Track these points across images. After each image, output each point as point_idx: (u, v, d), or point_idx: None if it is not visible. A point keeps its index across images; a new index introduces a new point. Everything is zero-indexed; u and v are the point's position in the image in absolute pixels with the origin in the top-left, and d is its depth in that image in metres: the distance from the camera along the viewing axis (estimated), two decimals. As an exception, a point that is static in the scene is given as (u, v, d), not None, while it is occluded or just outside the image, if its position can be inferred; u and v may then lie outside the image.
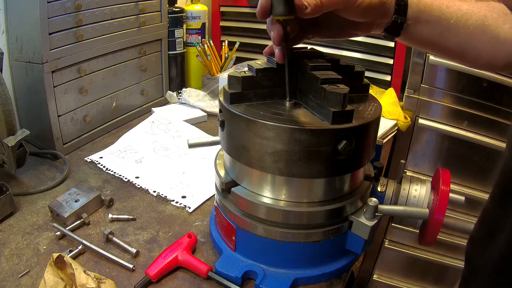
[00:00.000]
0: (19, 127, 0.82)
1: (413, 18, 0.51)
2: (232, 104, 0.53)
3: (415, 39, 0.55)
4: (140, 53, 1.11)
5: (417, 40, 0.55)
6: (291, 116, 0.51)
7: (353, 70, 0.58)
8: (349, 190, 0.57)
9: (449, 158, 1.21)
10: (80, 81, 0.94)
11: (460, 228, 0.63)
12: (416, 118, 1.18)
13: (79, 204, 0.70)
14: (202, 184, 0.83)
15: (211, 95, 1.23)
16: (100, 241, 0.65)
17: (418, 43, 0.56)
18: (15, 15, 0.86)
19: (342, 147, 0.48)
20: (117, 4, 0.98)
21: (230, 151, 0.56)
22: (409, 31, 0.53)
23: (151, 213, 0.74)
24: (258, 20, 1.39)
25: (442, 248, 1.30)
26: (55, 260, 0.52)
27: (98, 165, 0.88)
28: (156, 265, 0.58)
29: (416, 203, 0.61)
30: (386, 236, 1.34)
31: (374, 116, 0.52)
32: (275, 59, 0.53)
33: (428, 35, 0.53)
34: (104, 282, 0.53)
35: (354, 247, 0.58)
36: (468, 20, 0.51)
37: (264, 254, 0.58)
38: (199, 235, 0.67)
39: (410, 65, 1.14)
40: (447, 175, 0.61)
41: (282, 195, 0.54)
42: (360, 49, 1.29)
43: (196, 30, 1.33)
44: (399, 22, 0.51)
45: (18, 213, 0.72)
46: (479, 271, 0.57)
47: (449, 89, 1.12)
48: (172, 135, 1.02)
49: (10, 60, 0.90)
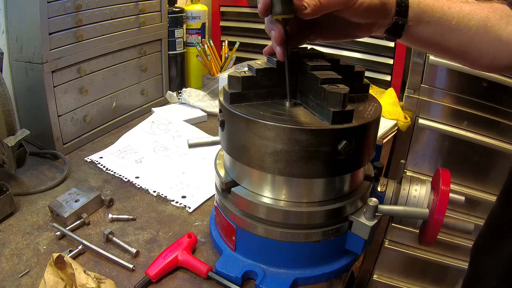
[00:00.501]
0: (19, 127, 0.82)
1: (414, 19, 0.51)
2: (232, 104, 0.53)
3: (417, 39, 0.54)
4: (140, 53, 1.11)
5: (419, 41, 0.55)
6: (291, 116, 0.51)
7: (353, 70, 0.58)
8: (349, 190, 0.57)
9: (449, 158, 1.21)
10: (80, 81, 0.94)
11: (460, 228, 0.62)
12: (416, 118, 1.18)
13: (79, 204, 0.70)
14: (202, 184, 0.83)
15: (211, 95, 1.23)
16: (100, 241, 0.65)
17: (419, 44, 0.56)
18: (15, 15, 0.86)
19: (342, 147, 0.48)
20: (117, 4, 0.98)
21: (230, 151, 0.56)
22: (410, 32, 0.52)
23: (151, 213, 0.74)
24: (258, 20, 1.41)
25: (442, 248, 1.30)
26: (55, 260, 0.52)
27: (98, 165, 0.88)
28: (156, 265, 0.58)
29: (416, 203, 0.61)
30: (386, 236, 1.34)
31: (374, 116, 0.52)
32: (275, 59, 0.53)
33: (429, 36, 0.53)
34: (104, 282, 0.53)
35: (354, 247, 0.58)
36: (470, 21, 0.51)
37: (264, 254, 0.58)
38: (199, 235, 0.67)
39: (410, 65, 1.14)
40: (447, 175, 0.61)
41: (282, 195, 0.54)
42: (360, 49, 1.29)
43: (196, 30, 1.33)
44: (400, 23, 0.51)
45: (18, 213, 0.72)
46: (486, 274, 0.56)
47: (449, 89, 1.12)
48: (172, 135, 1.02)
49: (10, 60, 0.90)
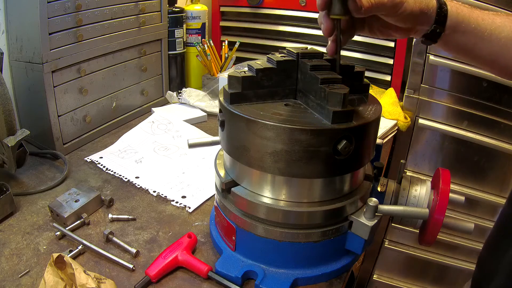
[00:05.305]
0: (19, 127, 0.82)
1: (451, 27, 0.54)
2: (232, 104, 0.53)
3: (451, 46, 0.58)
4: (140, 53, 1.11)
5: (453, 48, 0.58)
6: (291, 116, 0.51)
7: (353, 70, 0.58)
8: (349, 190, 0.57)
9: (449, 158, 1.21)
10: (80, 81, 0.94)
11: (460, 228, 0.62)
12: (416, 118, 1.18)
13: (79, 204, 0.70)
14: (202, 184, 0.83)
15: (211, 95, 1.23)
16: (100, 241, 0.65)
17: (452, 50, 0.59)
18: (15, 15, 0.86)
19: (342, 147, 0.48)
20: (117, 4, 0.98)
21: (230, 151, 0.56)
22: (445, 39, 0.56)
23: (151, 213, 0.74)
24: (258, 20, 1.41)
25: (442, 248, 1.30)
26: (55, 260, 0.52)
27: (98, 165, 0.88)
28: (156, 265, 0.58)
29: (416, 203, 0.61)
30: (386, 236, 1.34)
31: (374, 116, 0.52)
32: (275, 59, 0.54)
33: (463, 44, 0.57)
34: (104, 282, 0.53)
35: (354, 247, 0.59)
36: (501, 33, 0.54)
37: (264, 254, 0.58)
38: (199, 235, 0.67)
39: (410, 65, 1.14)
40: (447, 175, 0.61)
41: (282, 195, 0.54)
42: (360, 49, 1.29)
43: (196, 30, 1.33)
44: (438, 31, 0.54)
45: (18, 213, 0.72)
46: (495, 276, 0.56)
47: (449, 89, 1.12)
48: (172, 135, 1.02)
49: (10, 60, 0.90)
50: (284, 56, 0.56)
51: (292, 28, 1.37)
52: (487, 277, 0.59)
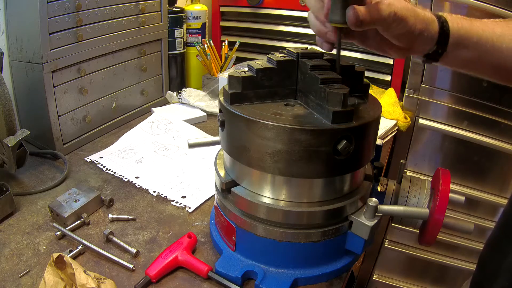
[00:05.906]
0: (19, 127, 0.82)
1: (453, 45, 0.53)
2: (232, 104, 0.53)
3: (453, 63, 0.56)
4: (140, 53, 1.11)
5: (455, 64, 0.57)
6: (291, 116, 0.51)
7: (353, 70, 0.58)
8: (349, 190, 0.57)
9: (449, 158, 1.21)
10: (80, 81, 0.94)
11: (460, 228, 0.62)
12: (416, 118, 1.18)
13: (79, 204, 0.70)
14: (202, 184, 0.83)
15: (211, 95, 1.23)
16: (100, 241, 0.65)
17: (455, 66, 0.58)
18: (15, 15, 0.86)
19: (342, 147, 0.48)
20: (117, 4, 0.98)
21: (230, 151, 0.56)
22: (447, 56, 0.54)
23: (151, 213, 0.74)
24: (258, 20, 1.41)
25: (442, 248, 1.30)
26: (55, 260, 0.52)
27: (98, 165, 0.88)
28: (156, 265, 0.58)
29: (416, 203, 0.61)
30: (386, 236, 1.34)
31: (374, 116, 0.52)
32: (275, 59, 0.54)
33: (466, 59, 0.55)
34: (104, 282, 0.53)
35: (354, 247, 0.58)
36: (503, 44, 0.53)
37: (264, 254, 0.58)
38: (199, 235, 0.67)
39: (410, 65, 1.14)
40: (447, 175, 0.61)
41: (282, 195, 0.54)
42: (360, 49, 1.29)
43: (196, 30, 1.33)
44: (440, 52, 0.53)
45: (18, 213, 0.72)
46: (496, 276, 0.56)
47: (449, 89, 1.12)
48: (172, 135, 1.02)
49: (10, 60, 0.90)
50: (284, 56, 0.56)
51: (292, 28, 1.37)
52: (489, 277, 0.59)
